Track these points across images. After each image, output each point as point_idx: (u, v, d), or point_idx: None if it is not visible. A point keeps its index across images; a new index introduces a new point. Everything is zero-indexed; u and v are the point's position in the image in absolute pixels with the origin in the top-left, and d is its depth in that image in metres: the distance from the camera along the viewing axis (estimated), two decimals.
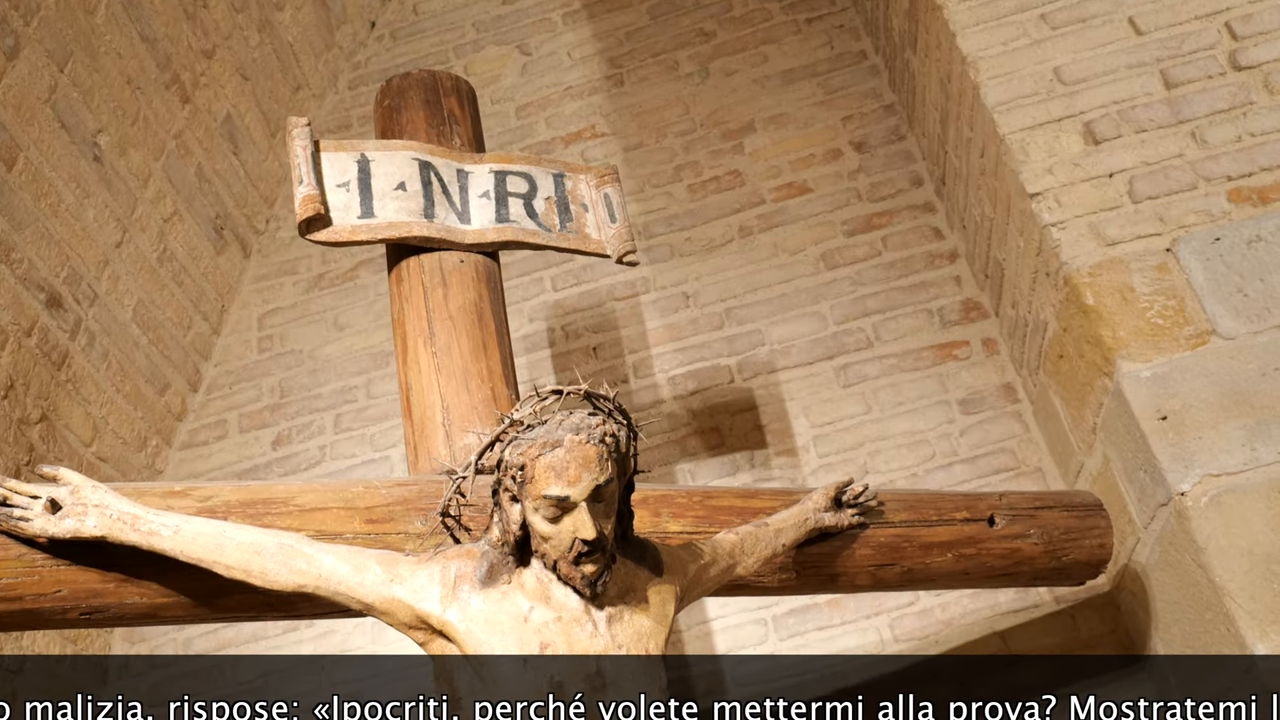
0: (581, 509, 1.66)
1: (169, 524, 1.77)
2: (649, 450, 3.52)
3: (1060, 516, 2.56)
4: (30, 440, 3.21)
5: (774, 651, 3.22)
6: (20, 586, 1.77)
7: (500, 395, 2.25)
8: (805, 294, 3.67)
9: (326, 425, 3.76)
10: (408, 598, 1.73)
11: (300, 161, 2.27)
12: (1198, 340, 2.69)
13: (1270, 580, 2.43)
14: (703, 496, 2.28)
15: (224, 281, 3.96)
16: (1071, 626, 3.11)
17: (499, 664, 1.67)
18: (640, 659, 1.74)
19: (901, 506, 2.40)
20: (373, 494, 2.03)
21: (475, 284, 2.37)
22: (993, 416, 3.40)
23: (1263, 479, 2.52)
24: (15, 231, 3.12)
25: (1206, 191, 2.85)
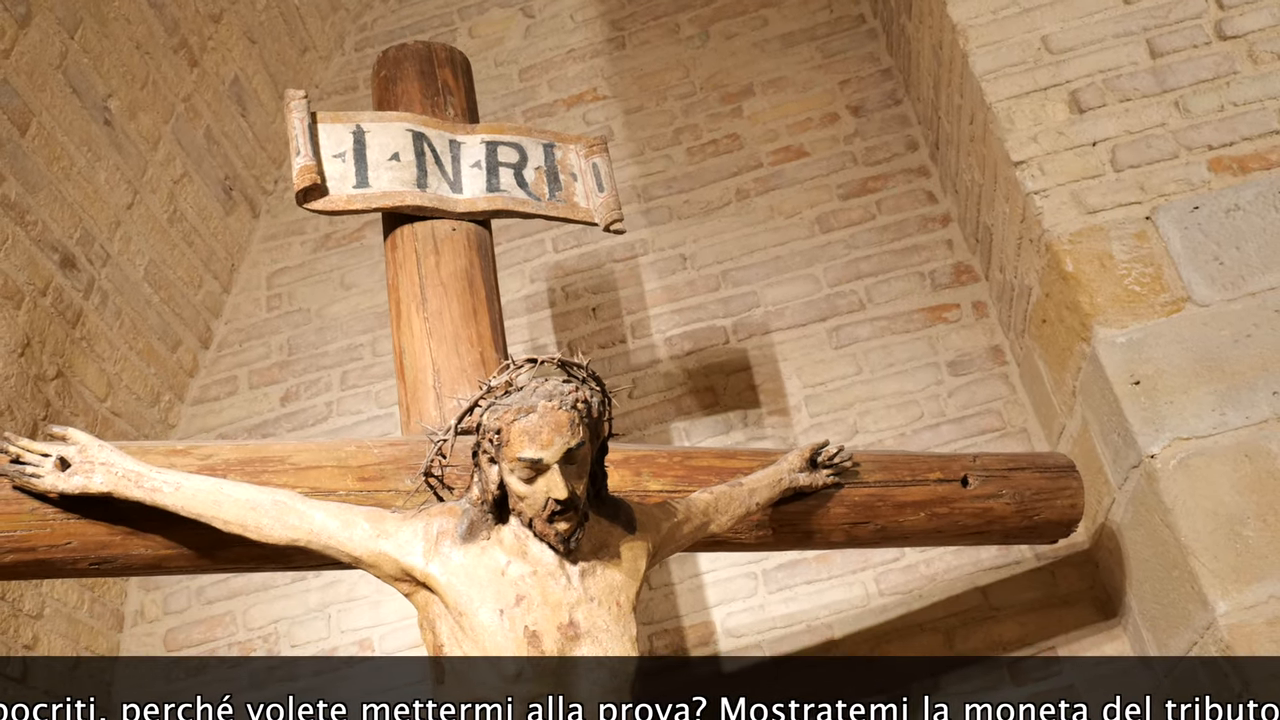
0: (554, 470, 1.77)
1: (170, 481, 1.89)
2: (646, 408, 3.64)
3: (1032, 477, 2.66)
4: (47, 396, 3.34)
5: (763, 604, 3.34)
6: (34, 538, 1.90)
7: (489, 359, 2.36)
8: (800, 257, 3.75)
9: (333, 382, 3.88)
10: (393, 552, 1.85)
11: (298, 133, 2.37)
12: (1173, 307, 2.77)
13: (1233, 540, 2.52)
14: (683, 457, 2.38)
15: (233, 241, 4.07)
16: (1051, 582, 3.22)
17: (478, 614, 1.79)
18: (612, 610, 1.86)
19: (876, 467, 2.50)
20: (365, 453, 2.15)
21: (467, 251, 2.47)
22: (980, 378, 3.48)
23: (1230, 443, 2.61)
24: (29, 194, 3.23)
25: (1187, 160, 2.91)
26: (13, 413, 3.20)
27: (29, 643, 3.24)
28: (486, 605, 1.79)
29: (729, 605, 3.34)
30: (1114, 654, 3.12)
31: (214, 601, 3.60)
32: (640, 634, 3.22)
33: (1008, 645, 3.17)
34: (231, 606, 3.60)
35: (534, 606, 1.80)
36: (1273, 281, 2.74)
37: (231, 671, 3.53)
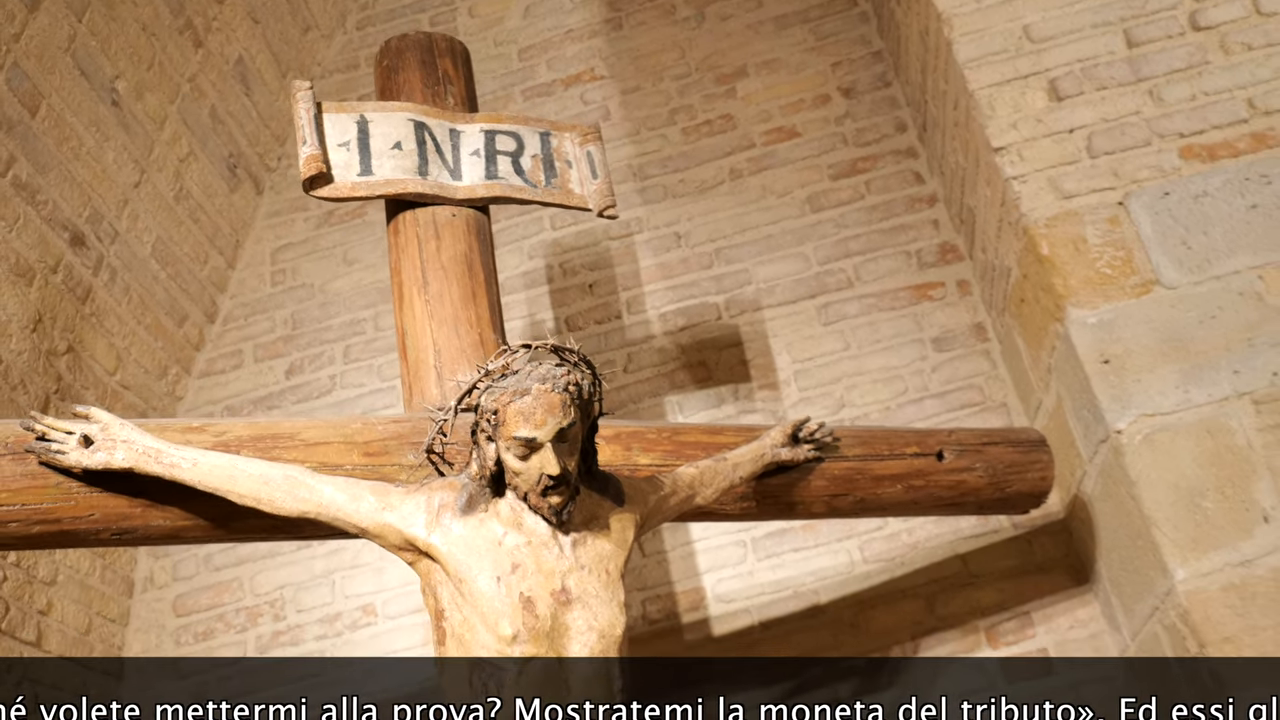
0: (547, 449, 1.91)
1: (188, 457, 2.03)
2: (640, 383, 3.78)
3: (1005, 452, 2.81)
4: (58, 370, 3.48)
5: (752, 571, 3.49)
6: (59, 510, 2.05)
7: (487, 339, 2.50)
8: (791, 235, 3.88)
9: (336, 356, 4.02)
10: (397, 523, 2.00)
11: (304, 123, 2.50)
12: (1142, 289, 2.90)
13: (1193, 512, 2.67)
14: (671, 432, 2.53)
15: (238, 218, 4.20)
16: (1028, 550, 3.37)
17: (476, 581, 1.94)
18: (601, 578, 2.01)
19: (856, 442, 2.65)
20: (370, 429, 2.29)
21: (466, 236, 2.60)
22: (963, 354, 3.63)
23: (1193, 419, 2.75)
24: (40, 174, 3.36)
25: (1160, 148, 3.04)
26: (25, 387, 3.34)
27: (43, 608, 3.39)
28: (484, 573, 1.94)
29: (719, 572, 3.50)
30: (1086, 618, 3.28)
31: (222, 568, 3.76)
32: (633, 599, 3.41)
33: (986, 610, 3.33)
34: (239, 573, 3.75)
35: (529, 574, 1.95)
36: (1237, 265, 2.87)
37: (239, 636, 3.69)
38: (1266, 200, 2.94)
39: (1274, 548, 2.61)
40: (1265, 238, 2.89)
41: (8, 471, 2.00)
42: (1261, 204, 2.93)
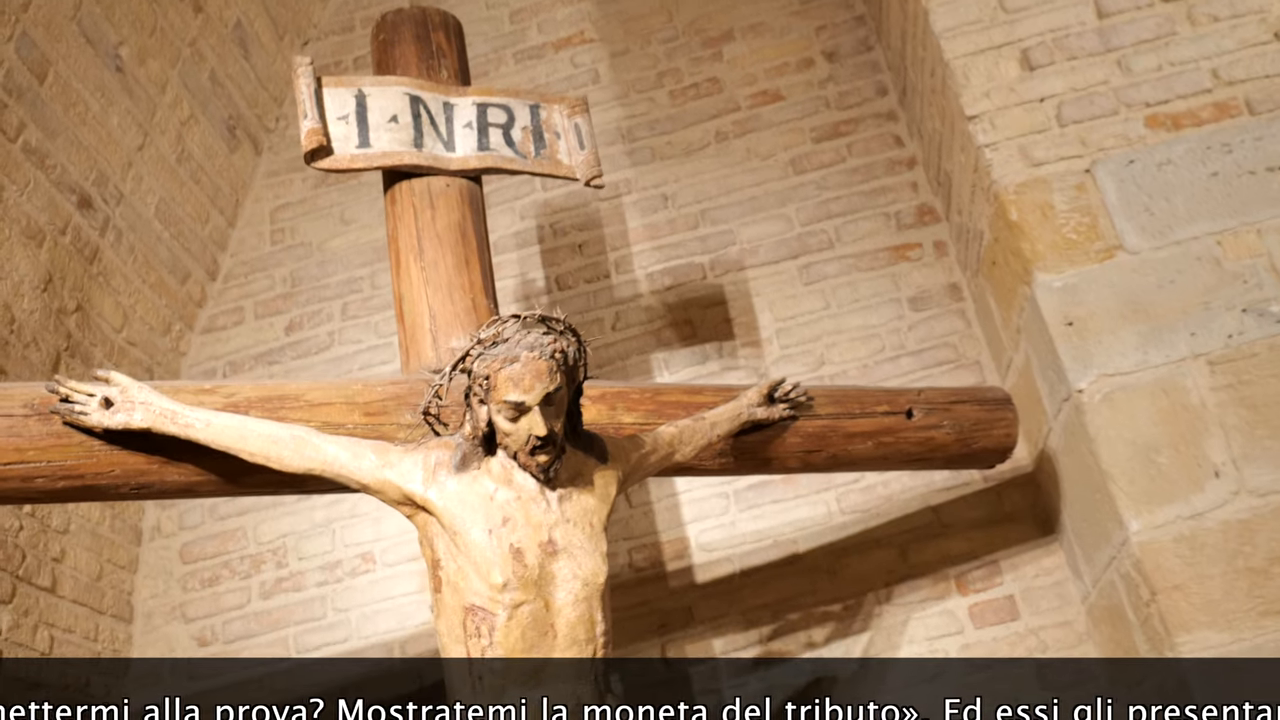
0: (535, 412, 2.07)
1: (201, 418, 2.19)
2: (628, 340, 3.94)
3: (972, 410, 2.97)
4: (68, 328, 3.63)
5: (734, 522, 3.67)
6: (82, 467, 2.21)
7: (480, 305, 2.64)
8: (774, 197, 4.02)
9: (334, 313, 4.17)
10: (397, 480, 2.17)
11: (305, 98, 2.63)
12: (1106, 254, 3.05)
13: (1147, 467, 2.84)
14: (653, 393, 2.69)
15: (238, 178, 4.33)
16: (997, 502, 3.55)
17: (470, 533, 2.11)
18: (585, 530, 2.18)
19: (829, 401, 2.81)
20: (370, 391, 2.45)
21: (459, 206, 2.74)
22: (939, 313, 3.78)
23: (1150, 379, 2.91)
24: (48, 140, 3.49)
25: (1126, 117, 3.17)
26: (37, 344, 3.49)
27: (57, 555, 3.57)
28: (477, 526, 2.11)
29: (703, 522, 3.67)
30: (1051, 567, 3.47)
31: (226, 518, 3.93)
32: (621, 548, 3.60)
33: (956, 559, 3.52)
34: (243, 522, 3.92)
35: (518, 527, 2.12)
36: (1196, 231, 3.02)
37: (243, 583, 3.88)
38: (1226, 168, 3.08)
39: (1223, 501, 2.78)
40: (1224, 204, 3.04)
41: (35, 431, 2.16)
42: (1222, 172, 3.08)
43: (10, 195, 3.36)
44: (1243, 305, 2.93)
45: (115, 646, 3.72)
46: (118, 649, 3.73)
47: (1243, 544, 2.74)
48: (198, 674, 3.70)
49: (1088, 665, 3.34)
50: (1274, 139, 3.08)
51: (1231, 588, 2.71)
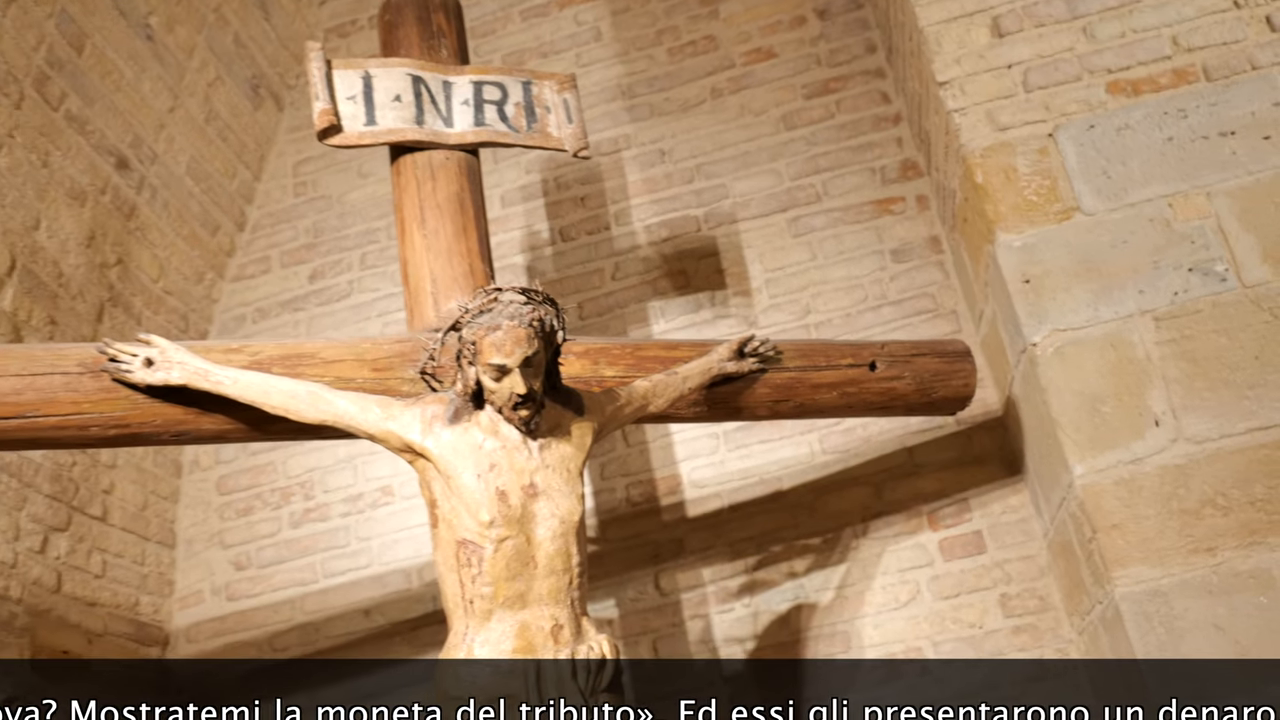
0: (515, 373, 2.39)
1: (230, 376, 2.53)
2: (626, 289, 4.24)
3: (932, 362, 3.26)
4: (110, 280, 3.98)
5: (723, 460, 4.00)
6: (129, 417, 2.56)
7: (477, 269, 2.95)
8: (766, 152, 4.28)
9: (354, 262, 4.50)
10: (398, 430, 2.50)
11: (317, 80, 2.92)
12: (1063, 215, 3.30)
13: (1092, 416, 3.12)
14: (633, 348, 3.00)
15: (262, 134, 4.64)
16: (968, 444, 3.85)
17: (461, 477, 2.44)
18: (563, 475, 2.50)
19: (797, 354, 3.11)
20: (378, 348, 2.78)
21: (458, 177, 3.04)
22: (919, 265, 4.05)
23: (1099, 334, 3.18)
24: (88, 107, 3.80)
25: (1089, 83, 3.39)
26: (83, 296, 3.85)
27: (107, 488, 3.96)
28: (468, 471, 2.44)
29: (694, 461, 4.00)
30: (1016, 505, 3.76)
31: (258, 454, 4.31)
32: (617, 484, 3.95)
33: (928, 497, 3.82)
34: (273, 458, 4.30)
35: (503, 472, 2.44)
36: (1150, 194, 3.26)
37: (274, 513, 4.26)
38: (1181, 133, 3.31)
39: (1161, 448, 3.05)
40: (1177, 168, 3.27)
41: (89, 386, 2.52)
42: (1176, 136, 3.30)
43: (55, 160, 3.70)
44: (1189, 265, 3.18)
45: (160, 570, 4.13)
46: (162, 572, 4.14)
47: (1177, 487, 3.01)
48: (236, 595, 4.10)
49: (1048, 594, 3.66)
50: (1228, 105, 3.30)
51: (1164, 527, 2.99)
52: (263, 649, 4.05)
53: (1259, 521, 2.94)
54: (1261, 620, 2.87)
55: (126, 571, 3.96)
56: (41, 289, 3.66)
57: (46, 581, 3.58)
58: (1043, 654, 3.54)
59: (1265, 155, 3.23)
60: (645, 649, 3.79)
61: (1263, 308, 3.10)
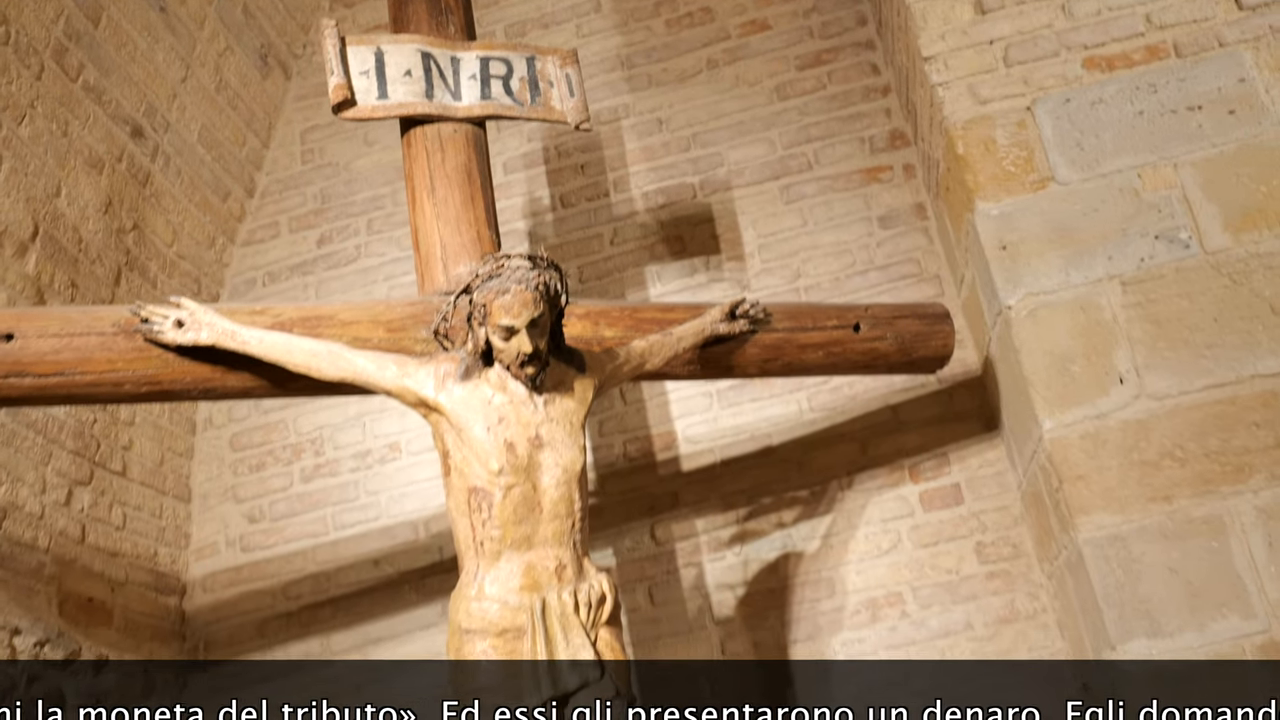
0: (522, 333, 2.62)
1: (255, 336, 2.76)
2: (624, 254, 4.47)
3: (913, 324, 3.49)
4: (126, 245, 4.20)
5: (716, 418, 4.25)
6: (160, 375, 2.79)
7: (484, 236, 3.18)
8: (759, 122, 4.50)
9: (360, 228, 4.72)
10: (413, 386, 2.73)
11: (331, 56, 3.13)
12: (1039, 185, 3.53)
13: (1062, 375, 3.36)
14: (631, 310, 3.23)
15: (270, 103, 4.84)
16: (949, 402, 4.10)
17: (472, 429, 2.67)
18: (565, 428, 2.74)
19: (785, 316, 3.34)
20: (392, 310, 3.01)
21: (466, 149, 3.26)
22: (904, 231, 4.28)
23: (1070, 298, 3.42)
24: (104, 77, 4.01)
25: (1066, 59, 3.61)
26: (102, 260, 4.07)
27: (126, 444, 4.20)
28: (478, 424, 2.68)
29: (688, 418, 4.25)
30: (993, 459, 4.02)
31: (269, 411, 4.54)
32: (615, 440, 4.20)
33: (910, 452, 4.08)
34: (284, 415, 4.53)
35: (511, 425, 2.68)
36: (1120, 165, 3.49)
37: (286, 468, 4.50)
38: (1151, 107, 3.54)
39: (1125, 404, 3.30)
40: (1146, 140, 3.50)
41: (123, 346, 2.75)
42: (1147, 110, 3.53)
43: (74, 129, 3.91)
44: (1156, 232, 3.42)
45: (177, 523, 4.38)
46: (179, 525, 4.39)
47: (1138, 441, 3.27)
48: (250, 546, 4.35)
49: (1021, 542, 3.92)
50: (1196, 80, 3.53)
51: (1125, 478, 3.24)
52: (277, 598, 4.30)
53: (1212, 472, 3.19)
54: (1211, 563, 3.13)
55: (145, 524, 4.21)
56: (62, 254, 3.88)
57: (71, 532, 3.83)
58: (1015, 598, 3.80)
59: (1229, 129, 3.46)
60: (641, 595, 4.05)
61: (1222, 273, 3.34)
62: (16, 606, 3.50)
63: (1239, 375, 3.27)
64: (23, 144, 3.69)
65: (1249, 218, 3.38)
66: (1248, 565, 3.12)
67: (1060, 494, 3.32)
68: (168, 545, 4.30)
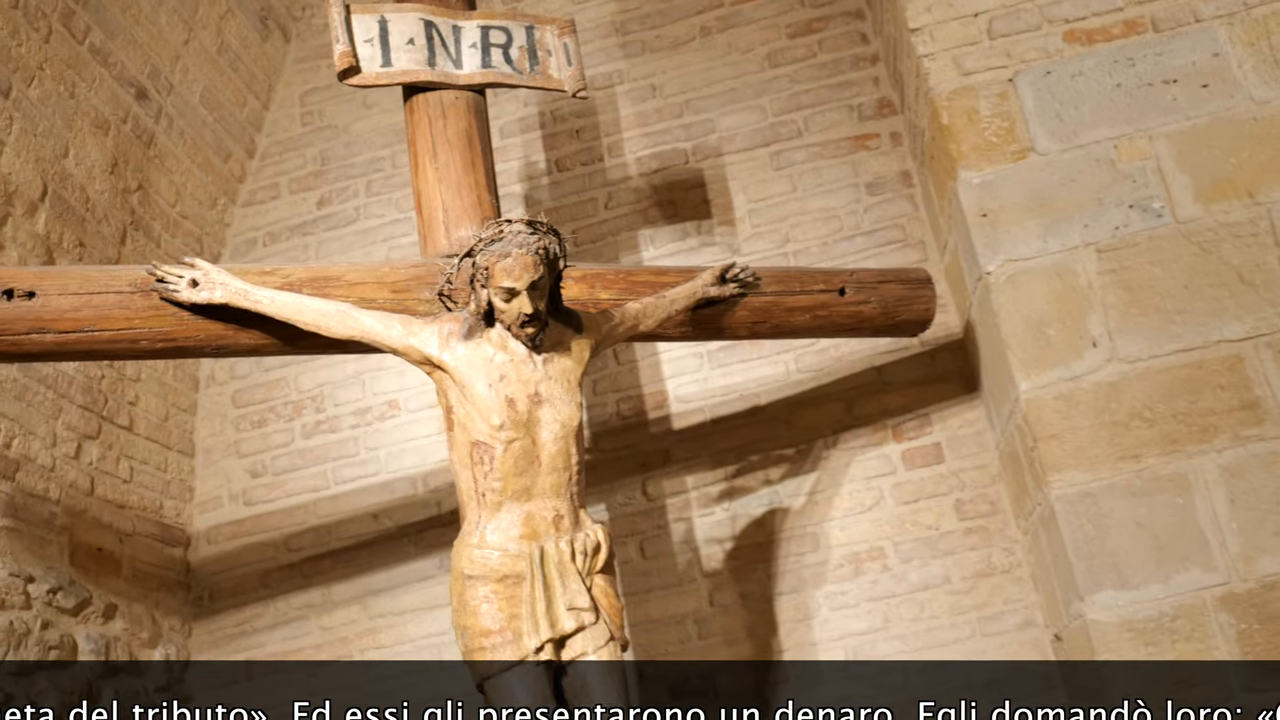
0: (523, 295, 2.77)
1: (266, 296, 2.92)
2: (618, 218, 4.62)
3: (896, 288, 3.66)
4: (131, 205, 4.34)
5: (707, 378, 4.42)
6: (175, 333, 2.94)
7: (484, 200, 3.32)
8: (751, 89, 4.64)
9: (360, 190, 4.86)
10: (419, 345, 2.89)
11: (337, 24, 3.26)
12: (1019, 155, 3.69)
13: (1037, 338, 3.53)
14: (626, 273, 3.39)
15: (270, 65, 4.96)
16: (931, 364, 4.27)
17: (474, 386, 2.84)
18: (563, 385, 2.91)
19: (773, 280, 3.51)
20: (396, 272, 3.16)
21: (466, 115, 3.40)
22: (891, 198, 4.44)
23: (1047, 264, 3.58)
24: (110, 40, 4.13)
25: (1047, 32, 3.76)
26: (108, 220, 4.21)
27: (132, 399, 4.36)
28: (480, 380, 2.84)
29: (679, 378, 4.42)
30: (973, 419, 4.20)
31: (271, 369, 4.70)
32: (609, 399, 4.37)
33: (893, 412, 4.26)
34: (285, 373, 4.69)
35: (511, 382, 2.85)
36: (1098, 136, 3.65)
37: (287, 425, 4.67)
38: (1128, 80, 3.69)
39: (1097, 367, 3.48)
40: (1123, 112, 3.66)
41: (140, 304, 2.89)
42: (1124, 83, 3.69)
43: (81, 91, 4.03)
44: (1130, 202, 3.58)
45: (181, 476, 4.55)
46: (183, 479, 4.56)
47: (1109, 402, 3.45)
48: (253, 500, 4.52)
49: (998, 499, 4.11)
50: (1172, 54, 3.68)
51: (1096, 437, 3.43)
52: (279, 550, 4.48)
53: (1179, 432, 3.38)
54: (1176, 518, 3.32)
55: (151, 477, 4.37)
56: (70, 213, 4.02)
57: (81, 485, 3.99)
58: (991, 553, 4.00)
59: (1202, 102, 3.62)
60: (633, 549, 4.24)
61: (1193, 241, 3.51)
62: (30, 555, 3.67)
63: (1206, 340, 3.44)
64: (32, 105, 3.82)
65: (1219, 188, 3.54)
66: (1210, 521, 3.31)
67: (1035, 452, 3.50)
68: (173, 498, 4.47)
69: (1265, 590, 3.25)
